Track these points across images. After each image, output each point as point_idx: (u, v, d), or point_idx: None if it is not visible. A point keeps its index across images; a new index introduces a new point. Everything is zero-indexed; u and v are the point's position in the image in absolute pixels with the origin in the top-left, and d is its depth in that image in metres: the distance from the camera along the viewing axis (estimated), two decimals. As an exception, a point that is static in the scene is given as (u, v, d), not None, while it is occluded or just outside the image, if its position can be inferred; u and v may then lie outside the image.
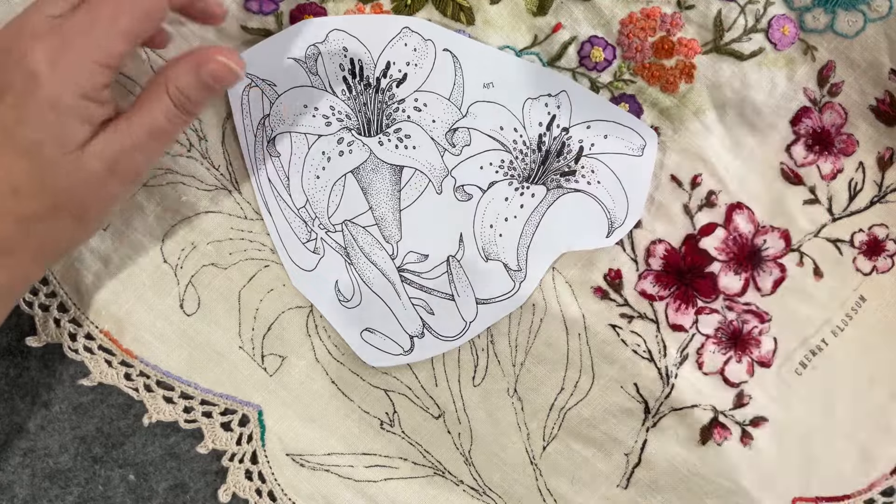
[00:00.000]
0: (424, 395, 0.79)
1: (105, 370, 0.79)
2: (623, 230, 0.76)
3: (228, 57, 0.65)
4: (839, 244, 0.78)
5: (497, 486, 0.80)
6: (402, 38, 0.74)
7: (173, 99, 0.64)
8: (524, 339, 0.79)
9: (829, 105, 0.76)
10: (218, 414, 0.80)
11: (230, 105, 0.75)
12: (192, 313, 0.79)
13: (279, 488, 0.80)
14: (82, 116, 0.61)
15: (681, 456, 0.79)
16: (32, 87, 0.59)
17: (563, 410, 0.79)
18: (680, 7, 0.75)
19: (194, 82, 0.64)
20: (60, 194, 0.62)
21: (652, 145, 0.76)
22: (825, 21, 0.74)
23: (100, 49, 0.60)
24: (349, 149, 0.76)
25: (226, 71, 0.65)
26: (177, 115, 0.65)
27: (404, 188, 0.76)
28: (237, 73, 0.65)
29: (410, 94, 0.75)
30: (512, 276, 0.77)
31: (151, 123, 0.64)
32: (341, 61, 0.74)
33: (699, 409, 0.79)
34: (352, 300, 0.78)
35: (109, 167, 0.62)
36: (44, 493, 0.80)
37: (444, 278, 0.77)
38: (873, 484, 0.80)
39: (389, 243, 0.77)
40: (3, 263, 0.63)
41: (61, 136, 0.60)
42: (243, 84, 0.75)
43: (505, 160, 0.75)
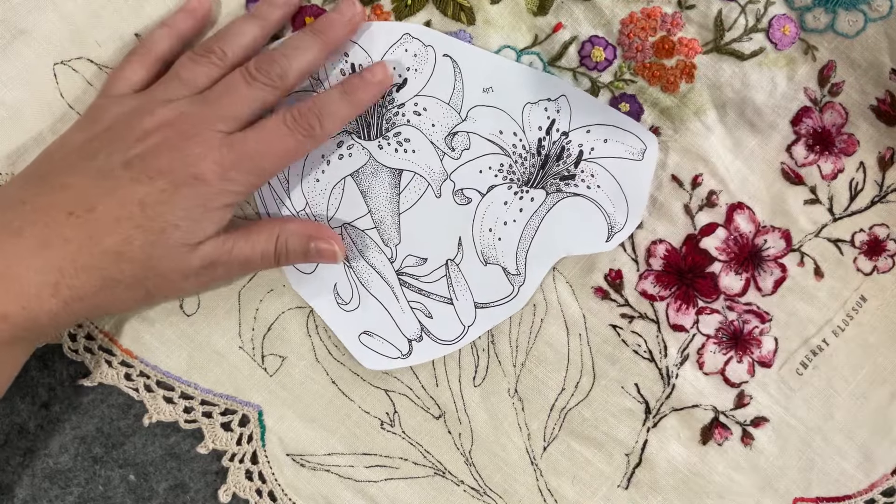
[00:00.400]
0: (425, 395, 0.79)
1: (105, 370, 0.79)
2: (623, 234, 0.76)
3: (338, 244, 0.74)
4: (840, 244, 0.78)
5: (498, 487, 0.80)
6: (402, 43, 0.74)
7: (277, 249, 0.73)
8: (525, 339, 0.79)
9: (829, 105, 0.76)
10: (218, 414, 0.80)
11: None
12: (192, 313, 0.79)
13: (279, 488, 0.80)
14: (217, 220, 0.69)
15: (682, 456, 0.79)
16: (194, 186, 0.66)
17: (563, 411, 0.79)
18: (680, 7, 0.75)
19: (301, 248, 0.73)
20: (153, 273, 0.68)
21: (652, 149, 0.76)
22: (826, 21, 0.74)
23: (260, 176, 0.70)
24: (349, 152, 0.75)
25: (330, 254, 0.74)
26: (270, 261, 0.73)
27: (403, 192, 0.76)
28: (338, 258, 0.74)
29: (410, 99, 0.75)
30: (511, 281, 0.77)
31: (249, 255, 0.72)
32: (342, 66, 0.74)
33: (700, 410, 0.79)
34: (350, 303, 0.78)
35: (202, 268, 0.70)
36: (44, 494, 0.80)
37: (442, 282, 0.77)
38: (874, 484, 0.80)
39: (388, 247, 0.77)
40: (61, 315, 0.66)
41: (195, 231, 0.68)
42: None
43: (504, 164, 0.75)
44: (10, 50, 0.76)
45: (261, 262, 0.72)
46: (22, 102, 0.76)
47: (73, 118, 0.76)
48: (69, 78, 0.76)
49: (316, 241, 0.73)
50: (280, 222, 0.73)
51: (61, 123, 0.76)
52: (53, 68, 0.76)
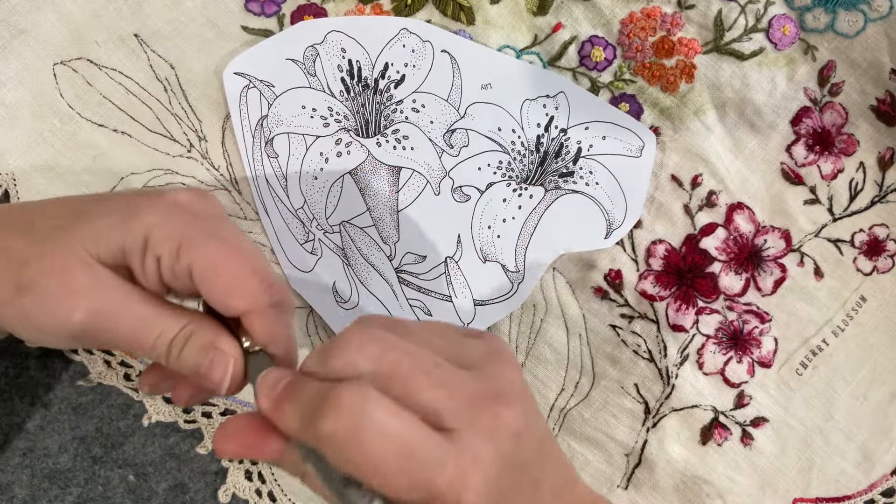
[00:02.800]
0: (424, 395, 0.79)
1: (104, 370, 0.79)
2: (621, 231, 0.76)
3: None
4: (840, 244, 0.78)
5: (497, 487, 0.80)
6: (400, 39, 0.74)
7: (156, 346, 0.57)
8: (525, 339, 0.78)
9: (829, 105, 0.76)
10: (217, 414, 0.79)
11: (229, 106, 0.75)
12: (192, 313, 0.79)
13: (279, 489, 0.80)
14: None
15: (681, 456, 0.79)
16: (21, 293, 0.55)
17: (563, 411, 0.79)
18: (680, 7, 0.75)
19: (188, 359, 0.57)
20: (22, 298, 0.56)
21: (650, 146, 0.76)
22: (826, 21, 0.74)
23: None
24: (347, 150, 0.76)
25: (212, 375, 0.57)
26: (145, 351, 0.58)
27: (402, 189, 0.76)
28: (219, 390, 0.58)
29: (409, 95, 0.75)
30: (510, 278, 0.77)
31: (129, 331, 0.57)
32: (339, 62, 0.74)
33: (700, 410, 0.79)
34: (349, 301, 0.78)
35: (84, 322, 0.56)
36: (43, 494, 0.80)
37: (441, 279, 0.77)
38: (874, 484, 0.80)
39: (387, 244, 0.77)
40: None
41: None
42: (242, 84, 0.75)
43: (503, 161, 0.75)
44: (10, 50, 0.76)
45: (134, 345, 0.57)
46: (22, 102, 0.76)
47: (73, 118, 0.76)
48: (69, 78, 0.76)
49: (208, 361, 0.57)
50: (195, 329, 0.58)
51: (61, 123, 0.76)
52: (53, 68, 0.76)
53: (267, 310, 0.56)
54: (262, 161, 0.76)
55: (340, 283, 0.77)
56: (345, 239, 0.77)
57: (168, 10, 0.76)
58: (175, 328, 0.56)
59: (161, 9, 0.76)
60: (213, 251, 0.55)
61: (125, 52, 0.76)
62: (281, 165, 0.76)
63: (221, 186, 0.77)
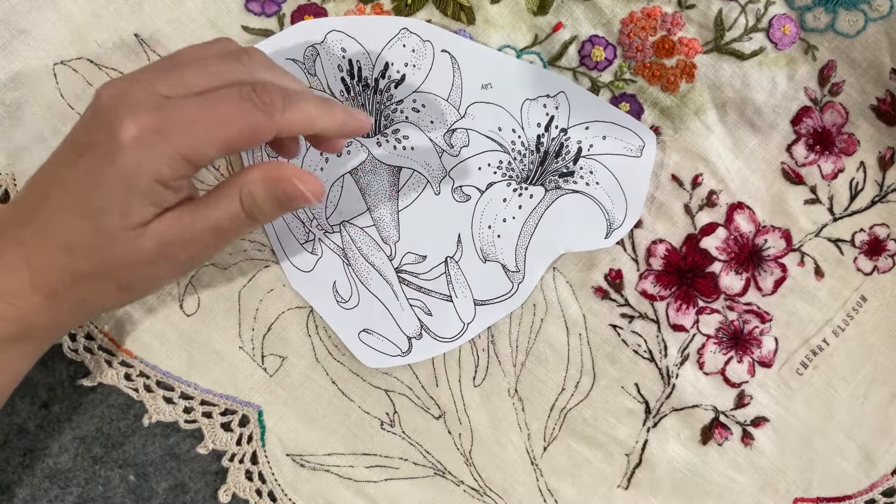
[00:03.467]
0: (425, 395, 0.79)
1: (105, 370, 0.79)
2: (622, 231, 0.76)
3: (306, 182, 0.63)
4: (840, 244, 0.78)
5: (498, 487, 0.80)
6: (400, 38, 0.74)
7: (244, 204, 0.63)
8: (525, 339, 0.78)
9: (829, 104, 0.76)
10: (218, 414, 0.80)
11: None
12: (192, 314, 0.79)
13: (279, 489, 0.80)
14: (151, 199, 0.60)
15: (682, 456, 0.79)
16: (113, 157, 0.58)
17: (563, 411, 0.79)
18: (680, 6, 0.75)
19: (266, 195, 0.63)
20: (110, 264, 0.61)
21: (650, 146, 0.76)
22: (826, 20, 0.74)
23: (193, 148, 0.59)
24: (347, 150, 0.76)
25: (298, 195, 0.63)
26: (242, 219, 0.64)
27: (402, 189, 0.76)
28: (309, 199, 0.64)
29: (409, 95, 0.75)
30: (510, 278, 0.77)
31: (215, 222, 0.63)
32: (339, 62, 0.74)
33: (700, 410, 0.79)
34: (349, 301, 0.78)
35: (162, 250, 0.62)
36: (43, 494, 0.80)
37: (442, 279, 0.77)
38: (874, 484, 0.80)
39: (387, 244, 0.77)
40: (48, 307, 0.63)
41: (126, 212, 0.60)
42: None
43: (503, 161, 0.75)
44: (10, 50, 0.76)
45: (232, 225, 0.63)
46: (22, 102, 0.76)
47: (73, 118, 0.76)
48: (69, 78, 0.76)
49: (279, 184, 0.63)
50: (242, 175, 0.63)
51: (61, 123, 0.76)
52: (53, 68, 0.76)
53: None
54: (262, 160, 0.76)
55: (340, 283, 0.77)
56: (345, 239, 0.77)
57: (168, 10, 0.76)
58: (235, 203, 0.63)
59: (161, 9, 0.76)
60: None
61: (125, 52, 0.76)
62: (281, 165, 0.76)
63: (222, 186, 0.77)
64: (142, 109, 0.58)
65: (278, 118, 0.60)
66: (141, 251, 0.61)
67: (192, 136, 0.59)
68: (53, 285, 0.62)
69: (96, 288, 0.63)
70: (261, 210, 0.63)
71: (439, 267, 0.77)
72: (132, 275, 0.63)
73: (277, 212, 0.64)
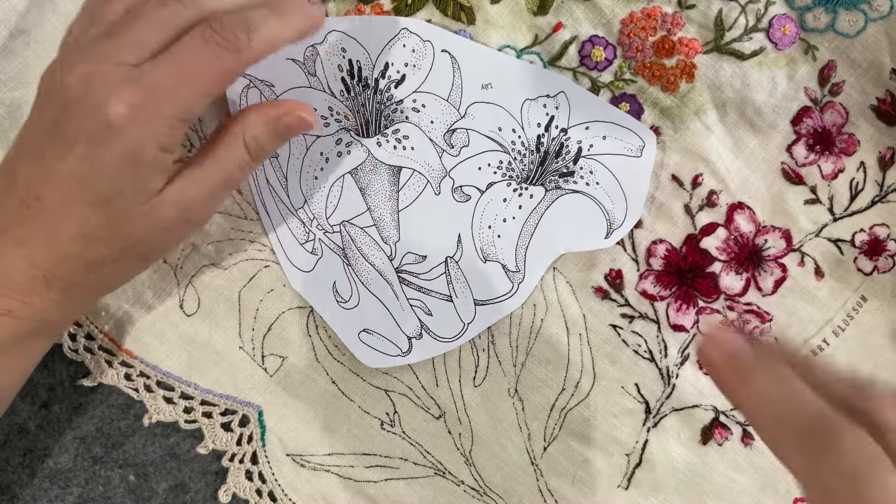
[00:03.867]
0: (425, 395, 0.79)
1: (105, 370, 0.79)
2: (622, 231, 0.76)
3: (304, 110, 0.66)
4: (840, 244, 0.78)
5: (498, 487, 0.80)
6: (400, 39, 0.74)
7: (249, 148, 0.65)
8: (525, 339, 0.79)
9: (830, 105, 0.76)
10: (218, 414, 0.80)
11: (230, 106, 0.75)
12: (192, 314, 0.79)
13: (279, 488, 0.80)
14: (159, 168, 0.61)
15: (682, 456, 0.79)
16: (109, 139, 0.58)
17: (563, 411, 0.79)
18: (681, 6, 0.75)
19: (270, 134, 0.65)
20: (131, 240, 0.62)
21: (651, 146, 0.76)
22: (826, 20, 0.74)
23: (184, 108, 0.60)
24: (347, 149, 0.76)
25: (301, 124, 0.66)
26: (248, 163, 0.66)
27: (402, 189, 0.76)
28: (311, 124, 0.66)
29: (409, 95, 0.75)
30: (510, 278, 0.77)
31: (225, 172, 0.64)
32: (340, 62, 0.74)
33: (700, 409, 0.79)
34: (349, 301, 0.78)
35: (182, 214, 0.63)
36: (44, 494, 0.80)
37: (442, 279, 0.77)
38: (874, 484, 0.80)
39: (387, 244, 0.77)
40: (63, 302, 0.64)
41: (139, 188, 0.60)
42: (241, 84, 0.75)
43: (503, 161, 0.75)
44: (9, 50, 0.76)
45: (240, 171, 0.65)
46: (22, 102, 0.76)
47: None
48: (69, 78, 0.76)
49: (282, 120, 0.65)
50: (237, 122, 0.65)
51: (62, 123, 0.76)
52: (54, 68, 0.76)
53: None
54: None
55: (341, 283, 0.77)
56: (345, 239, 0.77)
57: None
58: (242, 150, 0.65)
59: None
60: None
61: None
62: (281, 165, 0.76)
63: (222, 186, 0.77)
64: (119, 87, 0.58)
65: (247, 53, 0.60)
66: (161, 221, 0.62)
67: (178, 97, 0.59)
68: (70, 279, 0.62)
69: (115, 268, 0.64)
70: (264, 149, 0.66)
71: (439, 267, 0.77)
72: (152, 245, 0.65)
73: (278, 146, 0.68)
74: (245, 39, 0.60)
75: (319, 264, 0.78)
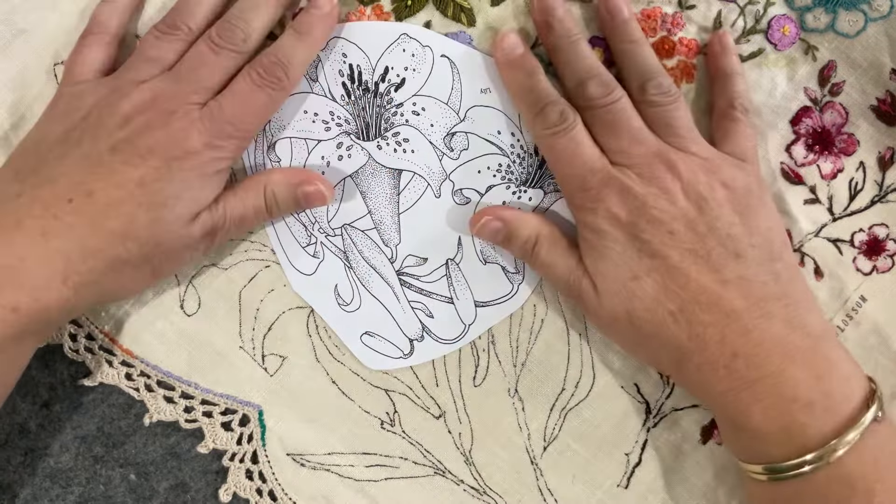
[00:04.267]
0: (425, 395, 0.79)
1: (106, 370, 0.79)
2: (621, 234, 0.76)
3: (324, 184, 0.75)
4: (839, 244, 0.78)
5: (498, 487, 0.80)
6: (400, 43, 0.74)
7: (267, 202, 0.74)
8: (525, 339, 0.79)
9: (829, 105, 0.76)
10: (218, 414, 0.80)
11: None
12: (193, 313, 0.79)
13: (280, 488, 0.80)
14: (216, 186, 0.71)
15: (682, 456, 0.79)
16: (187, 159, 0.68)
17: (564, 411, 0.79)
18: (681, 7, 0.75)
19: (289, 196, 0.74)
20: (158, 249, 0.69)
21: (651, 148, 0.76)
22: (826, 21, 0.74)
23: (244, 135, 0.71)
24: (348, 153, 0.76)
25: (318, 196, 0.74)
26: (263, 215, 0.74)
27: (403, 192, 0.76)
28: (327, 199, 0.75)
29: (409, 99, 0.75)
30: (510, 279, 0.77)
31: (243, 212, 0.73)
32: (340, 67, 0.74)
33: (700, 409, 0.79)
34: (351, 304, 0.78)
35: (203, 237, 0.71)
36: (45, 493, 0.80)
37: (443, 281, 0.77)
38: (874, 484, 0.80)
39: (388, 247, 0.77)
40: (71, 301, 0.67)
41: (196, 199, 0.69)
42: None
43: (503, 164, 0.75)
44: (10, 50, 0.76)
45: (255, 217, 0.74)
46: (22, 102, 0.76)
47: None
48: (70, 78, 0.76)
49: (302, 187, 0.74)
50: (265, 175, 0.74)
51: (62, 123, 0.76)
52: (53, 68, 0.76)
53: None
54: (264, 165, 0.76)
55: (342, 286, 0.78)
56: (346, 242, 0.77)
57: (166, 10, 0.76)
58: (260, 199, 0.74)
59: (162, 10, 0.76)
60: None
61: (125, 53, 0.75)
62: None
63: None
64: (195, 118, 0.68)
65: (287, 84, 0.71)
66: (189, 237, 0.70)
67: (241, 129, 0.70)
68: (89, 275, 0.66)
69: (130, 275, 0.69)
70: (279, 208, 0.74)
71: (440, 269, 0.77)
72: (171, 258, 0.71)
73: (293, 209, 0.76)
74: (285, 77, 0.71)
75: (321, 267, 0.78)
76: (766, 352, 0.65)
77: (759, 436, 0.66)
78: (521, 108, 0.74)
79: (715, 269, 0.67)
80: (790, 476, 0.65)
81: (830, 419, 0.64)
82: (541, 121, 0.71)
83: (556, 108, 0.71)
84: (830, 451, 0.63)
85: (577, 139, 0.70)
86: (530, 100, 0.72)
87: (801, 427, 0.64)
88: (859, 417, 0.64)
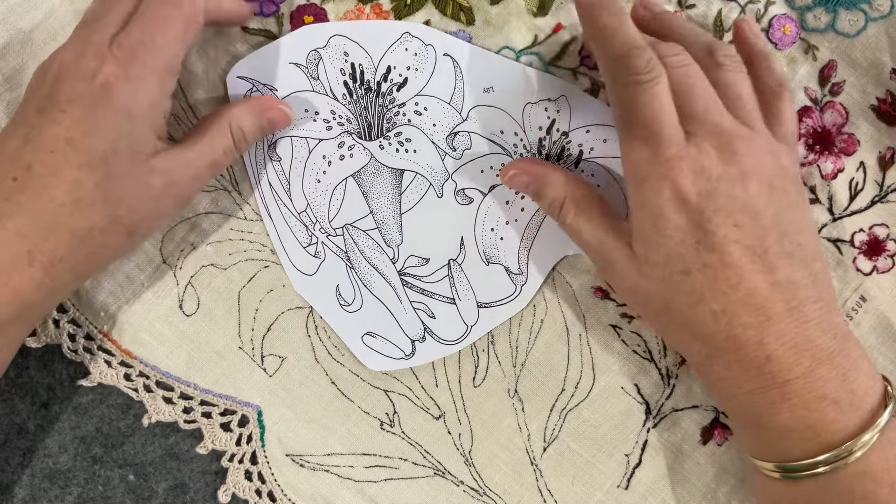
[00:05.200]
0: (425, 395, 0.79)
1: (105, 370, 0.79)
2: (624, 233, 0.76)
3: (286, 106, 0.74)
4: (839, 244, 0.78)
5: (498, 487, 0.80)
6: (402, 42, 0.74)
7: (235, 138, 0.71)
8: (525, 339, 0.79)
9: (830, 104, 0.76)
10: (217, 414, 0.80)
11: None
12: (192, 314, 0.79)
13: (279, 489, 0.80)
14: (152, 126, 0.66)
15: (682, 456, 0.79)
16: (106, 98, 0.63)
17: (563, 411, 0.79)
18: (681, 6, 0.75)
19: (255, 126, 0.72)
20: (121, 206, 0.65)
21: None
22: (826, 20, 0.74)
23: (163, 56, 0.65)
24: (350, 153, 0.76)
25: (283, 118, 0.74)
26: (232, 152, 0.72)
27: (405, 192, 0.76)
28: (290, 119, 0.74)
29: (411, 98, 0.75)
30: (513, 280, 0.77)
31: (211, 159, 0.70)
32: (342, 66, 0.74)
33: (700, 410, 0.79)
34: (353, 304, 0.78)
35: (168, 186, 0.67)
36: (43, 494, 0.80)
37: (445, 282, 0.77)
38: (874, 484, 0.80)
39: (390, 247, 0.77)
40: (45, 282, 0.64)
41: (135, 145, 0.65)
42: (245, 88, 0.75)
43: (505, 164, 0.75)
44: (9, 50, 0.76)
45: (224, 158, 0.71)
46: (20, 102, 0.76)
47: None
48: (69, 78, 0.76)
49: (265, 114, 0.73)
50: (225, 113, 0.72)
51: (61, 123, 0.76)
52: (53, 68, 0.76)
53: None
54: (265, 164, 0.76)
55: (343, 286, 0.78)
56: (348, 242, 0.77)
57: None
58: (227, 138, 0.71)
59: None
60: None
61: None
62: (284, 169, 0.76)
63: (221, 187, 0.77)
64: (105, 51, 0.64)
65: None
66: (150, 188, 0.66)
67: (157, 49, 0.65)
68: (55, 252, 0.64)
69: (101, 241, 0.65)
70: (247, 141, 0.73)
71: (442, 269, 0.77)
72: (141, 214, 0.67)
73: (259, 138, 0.75)
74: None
75: (322, 267, 0.77)
76: (799, 355, 0.63)
77: (783, 433, 0.65)
78: (600, 52, 0.67)
79: (769, 269, 0.63)
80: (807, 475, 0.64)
81: (855, 415, 0.63)
82: (623, 67, 0.64)
83: (644, 54, 0.63)
84: (856, 448, 0.63)
85: (661, 97, 0.63)
86: (614, 42, 0.65)
87: (827, 424, 0.63)
88: (880, 412, 0.64)
